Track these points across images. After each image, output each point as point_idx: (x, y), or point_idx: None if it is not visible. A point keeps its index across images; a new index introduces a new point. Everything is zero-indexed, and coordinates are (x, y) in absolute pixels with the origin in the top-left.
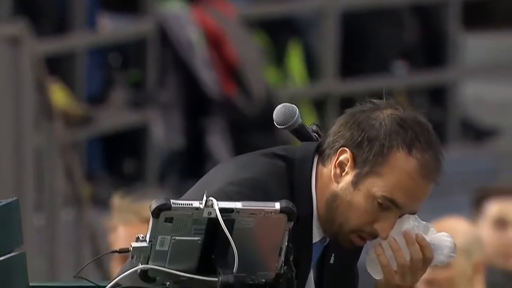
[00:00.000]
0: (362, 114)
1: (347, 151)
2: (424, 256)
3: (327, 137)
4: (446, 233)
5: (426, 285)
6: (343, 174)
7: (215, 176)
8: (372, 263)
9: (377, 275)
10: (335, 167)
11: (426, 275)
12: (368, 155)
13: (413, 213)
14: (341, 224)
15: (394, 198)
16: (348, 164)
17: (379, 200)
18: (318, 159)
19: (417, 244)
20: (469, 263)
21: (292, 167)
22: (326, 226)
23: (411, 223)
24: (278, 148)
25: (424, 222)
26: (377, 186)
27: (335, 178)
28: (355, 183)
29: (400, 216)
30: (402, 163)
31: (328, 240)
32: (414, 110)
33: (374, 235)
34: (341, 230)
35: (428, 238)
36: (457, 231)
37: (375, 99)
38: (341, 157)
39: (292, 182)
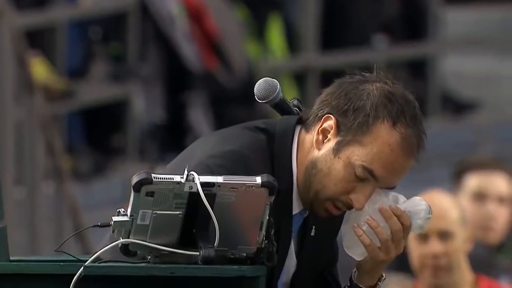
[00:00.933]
0: (351, 85)
1: (331, 118)
2: (403, 225)
3: (313, 106)
4: (418, 197)
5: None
6: (325, 141)
7: (196, 149)
8: (352, 245)
9: (359, 256)
10: (318, 133)
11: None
12: (353, 123)
13: (391, 188)
14: (317, 191)
15: (372, 169)
16: (332, 131)
17: (358, 170)
18: (301, 128)
19: (394, 216)
20: (462, 237)
21: (273, 140)
22: (303, 195)
23: (383, 199)
24: (260, 122)
25: (393, 193)
26: (357, 155)
27: (317, 144)
28: (336, 150)
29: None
30: (385, 135)
31: (307, 212)
32: (403, 86)
33: (349, 206)
34: (317, 197)
35: (402, 207)
36: (446, 206)
37: (365, 72)
38: (325, 124)
39: (273, 155)
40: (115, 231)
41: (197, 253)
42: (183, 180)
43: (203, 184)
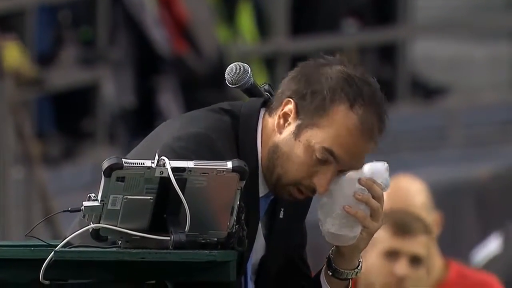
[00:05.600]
0: (312, 68)
1: (291, 102)
2: (380, 191)
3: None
4: (368, 163)
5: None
6: (286, 124)
7: (162, 132)
8: (343, 231)
9: (351, 240)
10: (279, 117)
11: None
12: (310, 106)
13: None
14: (279, 175)
15: (333, 150)
16: (292, 115)
17: (318, 152)
18: (265, 112)
19: (374, 184)
20: (431, 233)
21: (237, 122)
22: (266, 178)
23: (352, 183)
24: (225, 104)
25: (351, 172)
26: (316, 138)
27: (278, 128)
28: (296, 134)
29: (340, 172)
30: (343, 117)
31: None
32: (364, 70)
33: (312, 190)
34: (279, 182)
35: (366, 171)
36: (412, 191)
37: (329, 55)
38: (286, 108)
39: (238, 137)
40: (86, 216)
41: (168, 238)
42: (153, 165)
43: (174, 169)
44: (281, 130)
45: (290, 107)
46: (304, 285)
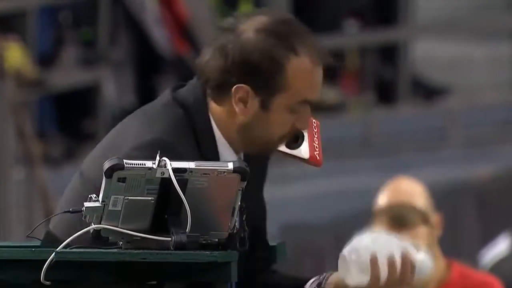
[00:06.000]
0: (232, 44)
1: (241, 87)
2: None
3: (207, 70)
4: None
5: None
6: (248, 106)
7: (118, 140)
8: (355, 270)
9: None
10: (236, 105)
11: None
12: (261, 80)
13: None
14: (266, 141)
15: (306, 98)
16: (249, 97)
17: (293, 108)
18: (210, 100)
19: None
20: (431, 225)
21: (190, 113)
22: (248, 149)
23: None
24: (174, 91)
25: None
26: (285, 99)
27: (242, 113)
28: (264, 107)
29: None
30: (295, 68)
31: None
32: (270, 12)
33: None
34: (269, 143)
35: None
36: (413, 193)
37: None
38: (238, 95)
39: (195, 129)
40: (87, 217)
41: (169, 238)
42: (155, 166)
43: (175, 170)
44: (244, 113)
45: (242, 91)
46: (266, 258)
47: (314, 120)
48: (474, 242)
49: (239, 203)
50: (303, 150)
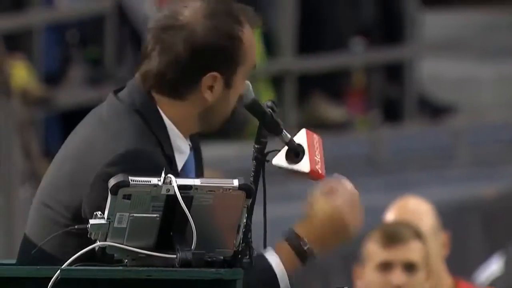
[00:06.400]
0: (185, 39)
1: (212, 75)
2: None
3: (159, 71)
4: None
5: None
6: (214, 90)
7: (88, 153)
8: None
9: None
10: (205, 92)
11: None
12: (229, 58)
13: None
14: (225, 117)
15: (254, 63)
16: (217, 80)
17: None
18: (157, 96)
19: None
20: (438, 243)
21: (145, 119)
22: (205, 130)
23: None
24: (121, 99)
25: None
26: (244, 69)
27: (211, 98)
28: (227, 84)
29: None
30: (247, 37)
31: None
32: None
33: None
34: (226, 118)
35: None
36: (420, 213)
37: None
38: (208, 83)
39: (155, 133)
40: (92, 234)
41: (174, 256)
42: (160, 183)
43: (181, 187)
44: (213, 97)
45: (211, 79)
46: None
47: (315, 135)
48: (480, 261)
49: (245, 220)
50: (304, 165)
